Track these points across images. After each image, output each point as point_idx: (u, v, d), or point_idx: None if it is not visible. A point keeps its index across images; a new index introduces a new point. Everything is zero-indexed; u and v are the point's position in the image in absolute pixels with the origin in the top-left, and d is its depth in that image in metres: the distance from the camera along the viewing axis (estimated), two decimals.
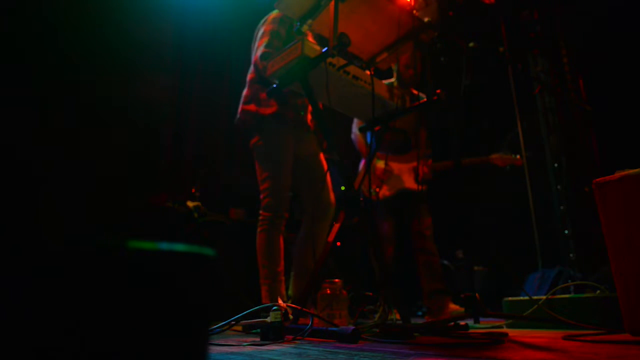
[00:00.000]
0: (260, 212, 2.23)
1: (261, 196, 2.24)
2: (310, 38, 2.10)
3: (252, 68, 2.34)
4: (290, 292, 2.36)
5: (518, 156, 3.08)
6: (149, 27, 0.54)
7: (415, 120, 2.96)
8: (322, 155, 2.45)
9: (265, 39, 2.20)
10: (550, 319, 1.83)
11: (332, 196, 2.43)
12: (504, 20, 3.73)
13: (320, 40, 2.10)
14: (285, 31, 2.26)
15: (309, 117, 2.42)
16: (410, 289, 3.50)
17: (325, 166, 2.45)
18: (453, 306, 2.86)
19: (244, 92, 2.36)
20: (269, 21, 2.29)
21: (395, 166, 2.91)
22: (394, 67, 2.94)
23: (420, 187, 2.83)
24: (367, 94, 1.93)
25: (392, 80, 2.96)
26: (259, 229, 2.22)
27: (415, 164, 2.87)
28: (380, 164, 2.89)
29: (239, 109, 2.33)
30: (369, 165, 2.19)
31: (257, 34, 2.31)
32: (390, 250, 2.84)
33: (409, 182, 2.88)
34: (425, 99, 2.19)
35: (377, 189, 2.85)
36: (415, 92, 2.93)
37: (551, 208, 3.63)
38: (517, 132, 3.63)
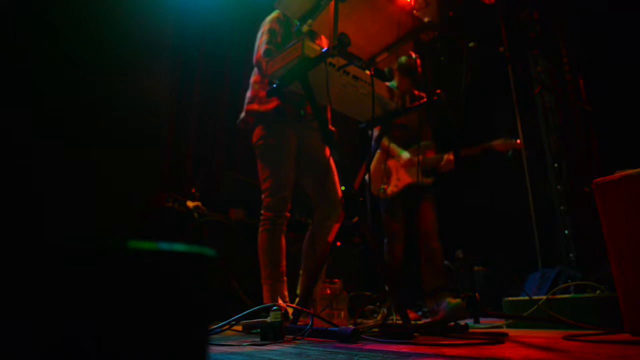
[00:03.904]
0: (262, 211, 2.22)
1: (262, 195, 2.23)
2: None
3: (255, 70, 2.34)
4: (298, 291, 2.34)
5: (518, 140, 3.03)
6: (149, 27, 0.54)
7: (419, 116, 2.96)
8: (327, 150, 2.38)
9: (265, 37, 2.23)
10: (550, 319, 1.83)
11: (339, 194, 2.35)
12: (504, 20, 3.73)
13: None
14: (280, 28, 2.28)
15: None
16: (412, 289, 3.50)
17: (332, 160, 2.36)
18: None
19: (247, 93, 2.37)
20: (265, 22, 2.33)
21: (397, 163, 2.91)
22: (395, 68, 2.94)
23: (422, 180, 2.80)
24: (367, 94, 1.92)
25: (394, 82, 2.96)
26: (260, 229, 2.20)
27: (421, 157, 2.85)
28: (397, 158, 2.89)
29: (243, 110, 2.34)
30: (368, 164, 2.18)
31: (257, 37, 2.33)
32: (400, 248, 2.82)
33: (415, 177, 2.86)
34: (425, 99, 2.19)
35: (385, 186, 2.84)
36: (416, 92, 2.94)
37: (551, 208, 3.63)
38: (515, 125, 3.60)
